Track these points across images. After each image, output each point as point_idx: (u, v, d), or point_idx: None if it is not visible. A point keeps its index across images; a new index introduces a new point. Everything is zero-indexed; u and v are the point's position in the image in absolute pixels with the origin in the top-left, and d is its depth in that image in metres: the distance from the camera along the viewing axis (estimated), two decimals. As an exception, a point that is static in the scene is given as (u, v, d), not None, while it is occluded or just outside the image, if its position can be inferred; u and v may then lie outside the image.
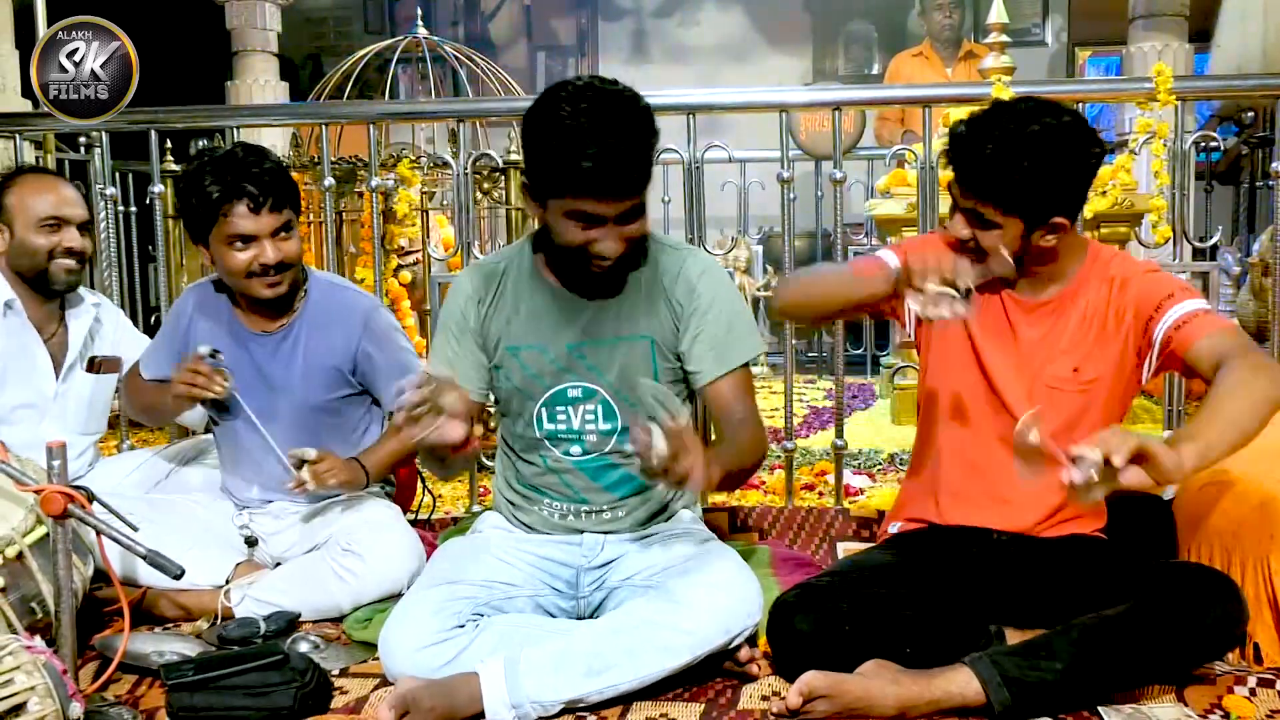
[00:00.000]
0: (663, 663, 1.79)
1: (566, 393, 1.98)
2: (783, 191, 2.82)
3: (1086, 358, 1.93)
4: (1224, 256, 4.66)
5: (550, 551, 2.02)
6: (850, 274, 2.01)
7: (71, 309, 2.60)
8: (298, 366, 2.34)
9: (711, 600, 1.84)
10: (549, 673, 1.75)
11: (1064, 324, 1.94)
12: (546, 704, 1.74)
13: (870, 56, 7.62)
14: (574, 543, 2.02)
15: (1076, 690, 1.74)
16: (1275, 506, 1.91)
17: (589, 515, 2.03)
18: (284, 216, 2.25)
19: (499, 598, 1.94)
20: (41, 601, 1.90)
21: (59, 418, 2.53)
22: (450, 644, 1.83)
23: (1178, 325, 1.84)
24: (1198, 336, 1.81)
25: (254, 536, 2.40)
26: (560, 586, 2.01)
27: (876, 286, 1.91)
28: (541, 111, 1.78)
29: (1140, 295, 1.89)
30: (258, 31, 6.36)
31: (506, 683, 1.73)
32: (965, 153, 1.84)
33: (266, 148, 2.35)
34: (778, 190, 2.84)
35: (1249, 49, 4.88)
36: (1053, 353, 1.94)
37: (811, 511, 2.72)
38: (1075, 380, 1.93)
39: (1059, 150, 1.80)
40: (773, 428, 4.04)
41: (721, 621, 1.84)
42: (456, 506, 3.05)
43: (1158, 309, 1.86)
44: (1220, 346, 1.78)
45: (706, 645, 1.82)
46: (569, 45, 7.97)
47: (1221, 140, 3.00)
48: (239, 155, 2.25)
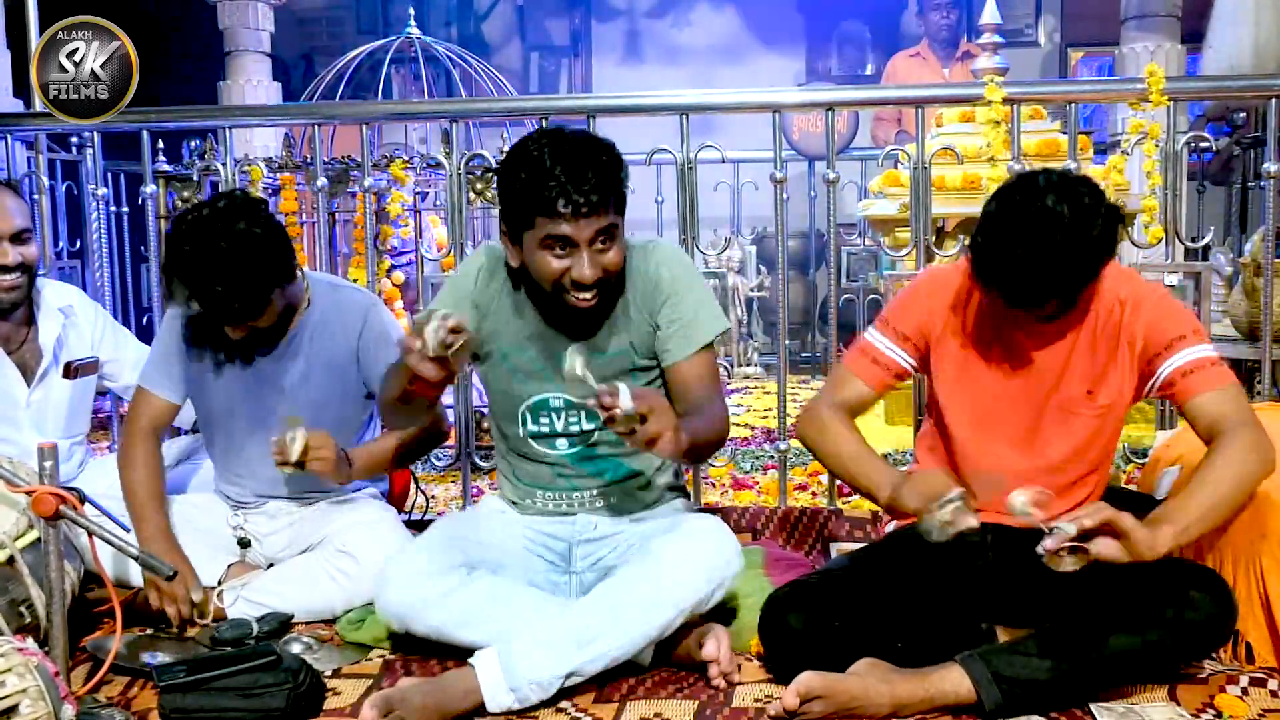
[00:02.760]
0: (647, 619, 1.84)
1: (549, 401, 2.05)
2: (776, 192, 2.83)
3: (1100, 381, 1.91)
4: (1216, 257, 4.67)
5: (544, 526, 2.10)
6: (854, 456, 1.94)
7: (40, 315, 2.53)
8: (299, 371, 2.33)
9: (686, 551, 1.90)
10: (542, 651, 1.79)
11: (1074, 343, 1.92)
12: (544, 682, 1.78)
13: (863, 57, 7.61)
14: (567, 521, 2.09)
15: (1068, 688, 1.75)
16: (1266, 505, 1.91)
17: (580, 503, 2.09)
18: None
19: (492, 560, 2.01)
20: (31, 605, 1.90)
21: (36, 424, 2.49)
22: (444, 580, 1.93)
23: (1184, 371, 1.83)
24: (1201, 390, 1.82)
25: (247, 537, 2.40)
26: (553, 559, 2.08)
27: (883, 492, 1.85)
28: (511, 153, 1.92)
29: (1151, 326, 1.87)
30: (250, 31, 6.35)
31: (502, 669, 1.77)
32: (1005, 274, 1.76)
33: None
34: (771, 190, 2.84)
35: (1240, 50, 4.89)
36: (1063, 374, 1.92)
37: (805, 512, 2.72)
38: (1090, 404, 1.91)
39: (1095, 247, 1.74)
40: (766, 428, 4.06)
41: (699, 571, 1.89)
42: (450, 508, 3.05)
43: (1168, 347, 1.85)
44: (1220, 411, 1.80)
45: (689, 596, 1.87)
46: (562, 46, 7.96)
47: (1213, 140, 2.99)
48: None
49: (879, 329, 2.03)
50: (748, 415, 4.40)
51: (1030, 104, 3.08)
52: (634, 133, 2.79)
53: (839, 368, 2.09)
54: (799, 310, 6.05)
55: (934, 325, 1.99)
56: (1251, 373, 3.47)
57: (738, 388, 5.21)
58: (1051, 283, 1.74)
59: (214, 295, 2.11)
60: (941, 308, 1.99)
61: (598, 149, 1.88)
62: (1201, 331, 1.89)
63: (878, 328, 2.04)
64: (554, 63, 7.97)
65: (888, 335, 2.01)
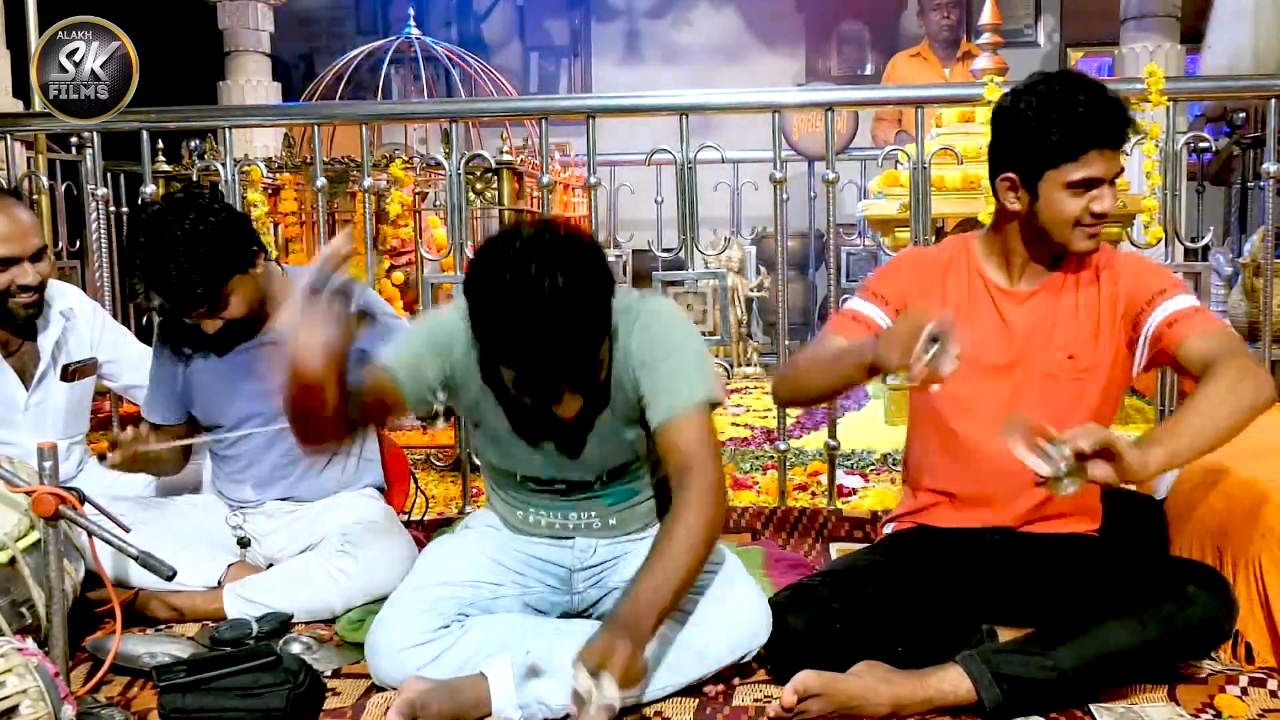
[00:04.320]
0: (668, 680, 1.80)
1: (541, 474, 1.92)
2: (775, 192, 2.83)
3: (1081, 346, 1.92)
4: (1216, 257, 4.67)
5: (540, 551, 1.99)
6: (834, 355, 1.90)
7: (40, 319, 2.52)
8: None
9: (723, 624, 1.84)
10: (556, 682, 1.72)
11: (1056, 312, 1.94)
12: (552, 706, 1.74)
13: (863, 57, 7.62)
14: (565, 545, 1.99)
15: (1068, 688, 1.75)
16: (1266, 505, 1.91)
17: (578, 526, 1.97)
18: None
19: (485, 598, 1.93)
20: (31, 606, 1.90)
21: (35, 427, 2.48)
22: (434, 644, 1.83)
23: (1169, 322, 1.84)
24: (1189, 335, 1.82)
25: (246, 537, 2.40)
26: (552, 583, 1.99)
27: (865, 357, 1.77)
28: (489, 298, 1.61)
29: (1132, 286, 1.90)
30: (250, 32, 6.36)
31: (515, 685, 1.74)
32: (1087, 109, 1.82)
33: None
34: (770, 190, 2.84)
35: (1239, 50, 4.89)
36: (1046, 341, 1.94)
37: (805, 512, 2.72)
38: (1071, 367, 1.92)
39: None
40: (765, 428, 4.06)
41: (732, 643, 1.84)
42: (449, 507, 3.05)
43: (1149, 302, 1.87)
44: (1211, 347, 1.79)
45: (715, 665, 1.83)
46: (562, 46, 7.96)
47: (1213, 141, 2.99)
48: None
49: (859, 295, 2.04)
50: (747, 415, 4.39)
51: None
52: (633, 133, 2.80)
53: (819, 334, 2.07)
54: (798, 310, 6.05)
55: (913, 293, 1.99)
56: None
57: (738, 388, 5.21)
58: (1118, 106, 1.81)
59: (171, 283, 2.15)
60: (922, 278, 2.01)
61: (563, 319, 1.57)
62: (1182, 284, 1.90)
63: (858, 294, 2.05)
64: (554, 63, 7.98)
65: (867, 298, 2.01)
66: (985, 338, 1.96)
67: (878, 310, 2.00)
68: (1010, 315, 1.97)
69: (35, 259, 2.39)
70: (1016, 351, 1.95)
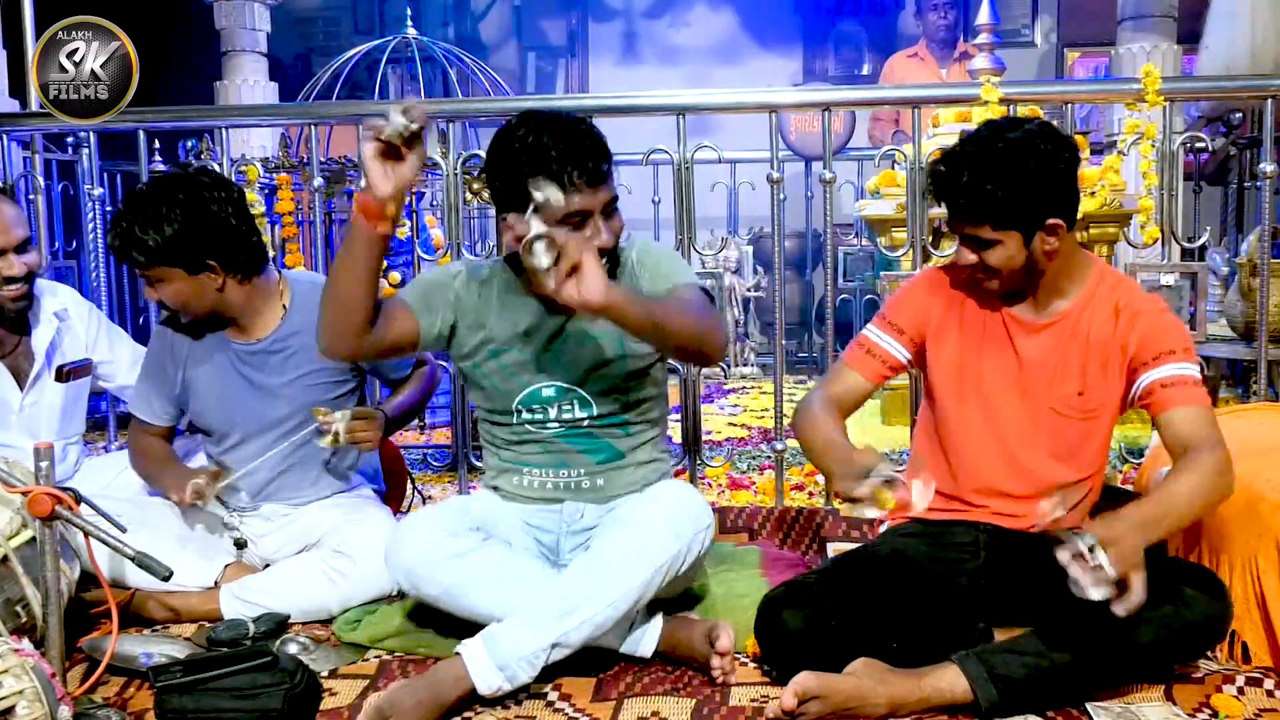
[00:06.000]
0: (624, 581, 1.85)
1: (541, 391, 2.04)
2: (772, 192, 2.83)
3: (1090, 384, 1.93)
4: (1212, 257, 4.68)
5: (532, 518, 2.11)
6: (825, 442, 1.94)
7: (34, 319, 2.52)
8: (287, 371, 2.33)
9: (652, 511, 1.94)
10: (524, 629, 1.81)
11: (1067, 345, 1.94)
12: (530, 656, 1.79)
13: (860, 57, 7.62)
14: (554, 510, 2.09)
15: (1064, 687, 1.75)
16: (1263, 506, 1.92)
17: (568, 486, 2.08)
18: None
19: (500, 538, 2.06)
20: (26, 604, 1.90)
21: (29, 428, 2.47)
22: (464, 539, 1.99)
23: (1164, 383, 1.85)
24: (1177, 404, 1.84)
25: (243, 538, 2.40)
26: (543, 552, 2.10)
27: (833, 471, 1.87)
28: (495, 140, 1.93)
29: (1146, 336, 1.89)
30: (247, 31, 6.36)
31: (488, 651, 1.79)
32: (947, 185, 1.91)
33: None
34: (767, 190, 2.85)
35: (1236, 50, 4.89)
36: (1055, 374, 1.94)
37: (801, 512, 2.72)
38: (1080, 406, 1.93)
39: (1030, 156, 1.83)
40: (762, 428, 4.06)
41: (667, 527, 1.91)
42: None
43: (1155, 358, 1.87)
44: (1194, 428, 1.82)
45: (661, 554, 1.89)
46: (559, 46, 7.96)
47: (1209, 141, 2.99)
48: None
49: (875, 324, 2.07)
50: (744, 415, 4.40)
51: (1027, 104, 3.09)
52: (631, 133, 2.79)
53: (836, 363, 2.11)
54: (796, 310, 6.06)
55: (930, 320, 2.02)
56: (1247, 373, 3.48)
57: (734, 388, 5.22)
58: (990, 184, 1.82)
59: (124, 222, 2.20)
60: (939, 304, 2.03)
61: (580, 127, 1.93)
62: (1192, 351, 1.90)
63: (875, 323, 2.08)
64: (551, 63, 7.97)
65: (884, 329, 2.05)
66: (997, 367, 1.97)
67: (894, 342, 2.03)
68: (1020, 344, 1.96)
69: (20, 251, 2.39)
70: (1024, 383, 1.96)
